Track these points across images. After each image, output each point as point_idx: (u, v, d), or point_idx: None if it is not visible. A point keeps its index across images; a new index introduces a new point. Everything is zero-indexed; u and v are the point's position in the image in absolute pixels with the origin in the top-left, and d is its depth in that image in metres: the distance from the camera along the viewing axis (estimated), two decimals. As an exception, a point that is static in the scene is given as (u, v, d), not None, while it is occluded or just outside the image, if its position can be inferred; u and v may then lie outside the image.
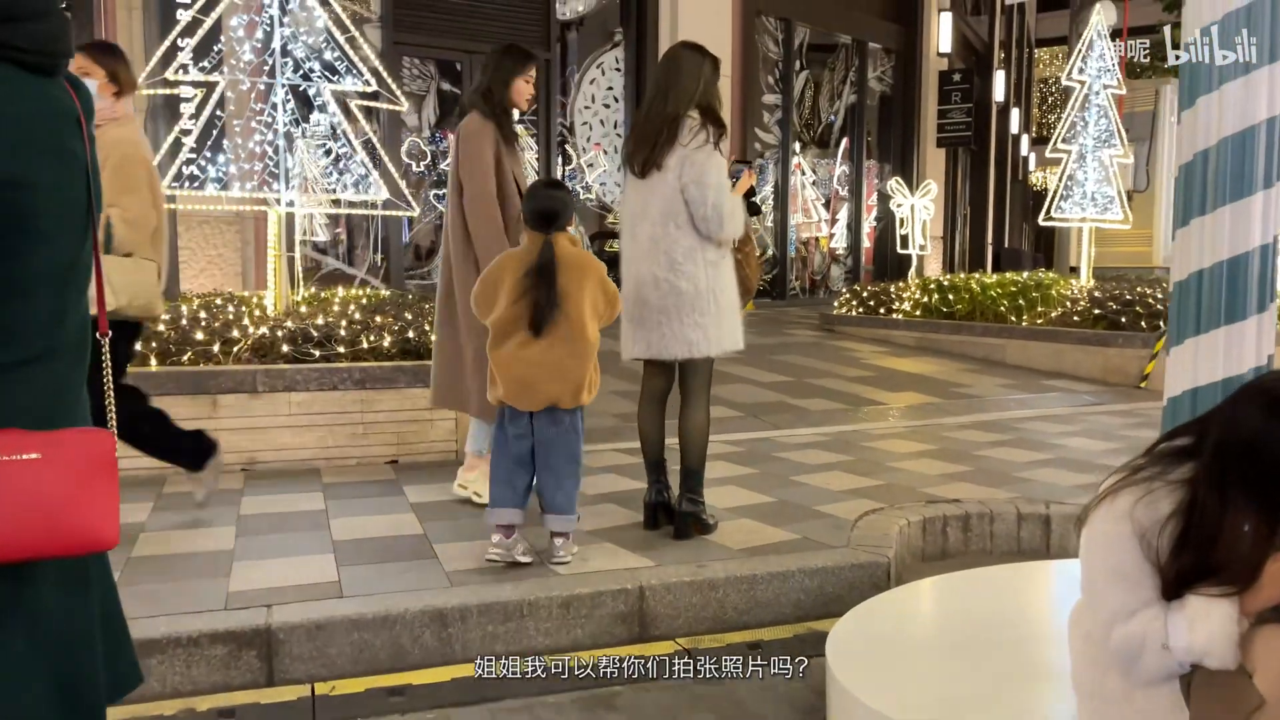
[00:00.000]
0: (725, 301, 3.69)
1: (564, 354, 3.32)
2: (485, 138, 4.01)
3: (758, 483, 4.57)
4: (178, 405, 4.53)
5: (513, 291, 3.28)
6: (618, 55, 12.70)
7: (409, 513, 4.01)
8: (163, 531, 3.69)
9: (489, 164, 4.01)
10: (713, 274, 3.63)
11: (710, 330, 3.64)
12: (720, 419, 5.94)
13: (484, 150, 4.02)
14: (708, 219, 3.54)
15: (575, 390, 3.39)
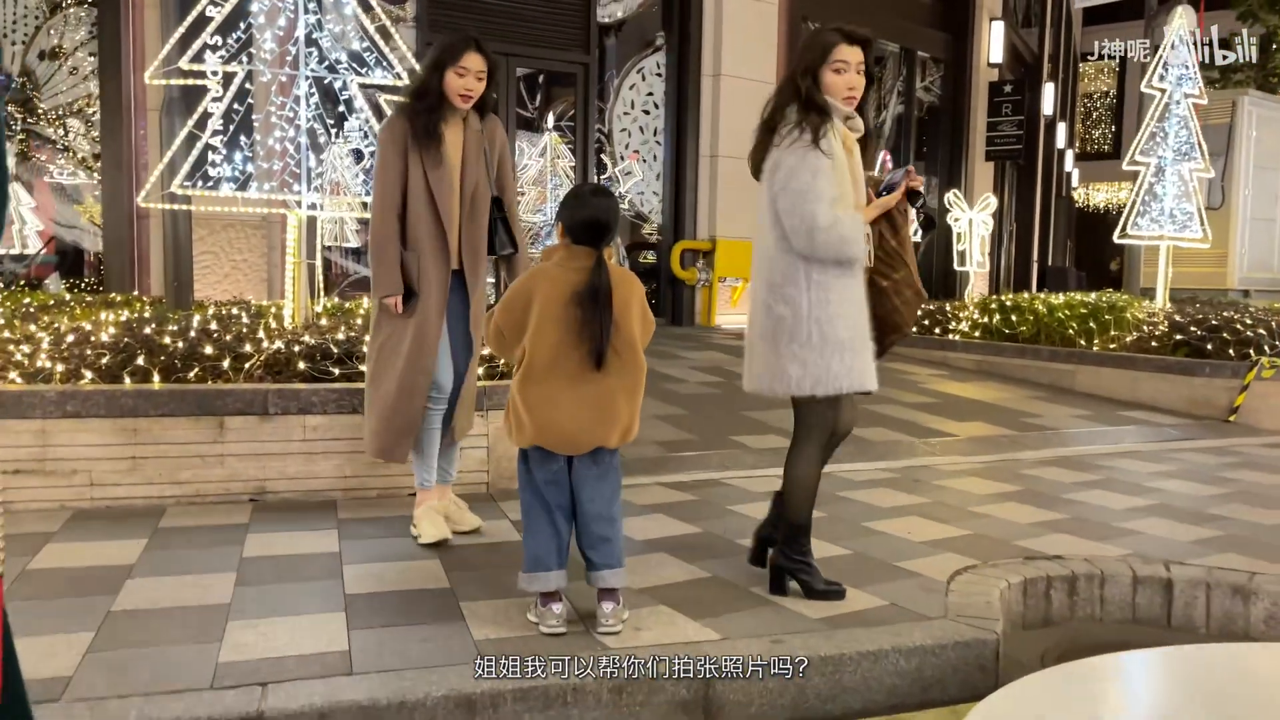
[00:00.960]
0: (834, 334, 3.06)
1: (618, 389, 2.85)
2: (390, 139, 3.56)
3: (828, 529, 4.03)
4: (180, 428, 4.09)
5: (557, 319, 2.77)
6: (659, 60, 12.24)
7: (433, 558, 3.51)
8: (152, 578, 3.22)
9: (387, 171, 3.54)
10: (818, 298, 3.05)
11: (811, 364, 3.07)
12: (776, 450, 5.42)
13: (385, 153, 3.56)
14: (795, 232, 3.02)
15: (625, 429, 2.91)
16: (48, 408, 3.97)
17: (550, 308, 2.77)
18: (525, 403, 2.80)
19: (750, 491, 4.66)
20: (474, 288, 3.72)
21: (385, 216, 3.54)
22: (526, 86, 11.63)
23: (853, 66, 3.11)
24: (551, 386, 2.79)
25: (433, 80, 3.51)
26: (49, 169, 10.18)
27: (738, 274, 12.06)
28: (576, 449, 2.84)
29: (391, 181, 3.53)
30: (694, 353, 8.86)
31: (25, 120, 10.08)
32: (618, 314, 2.80)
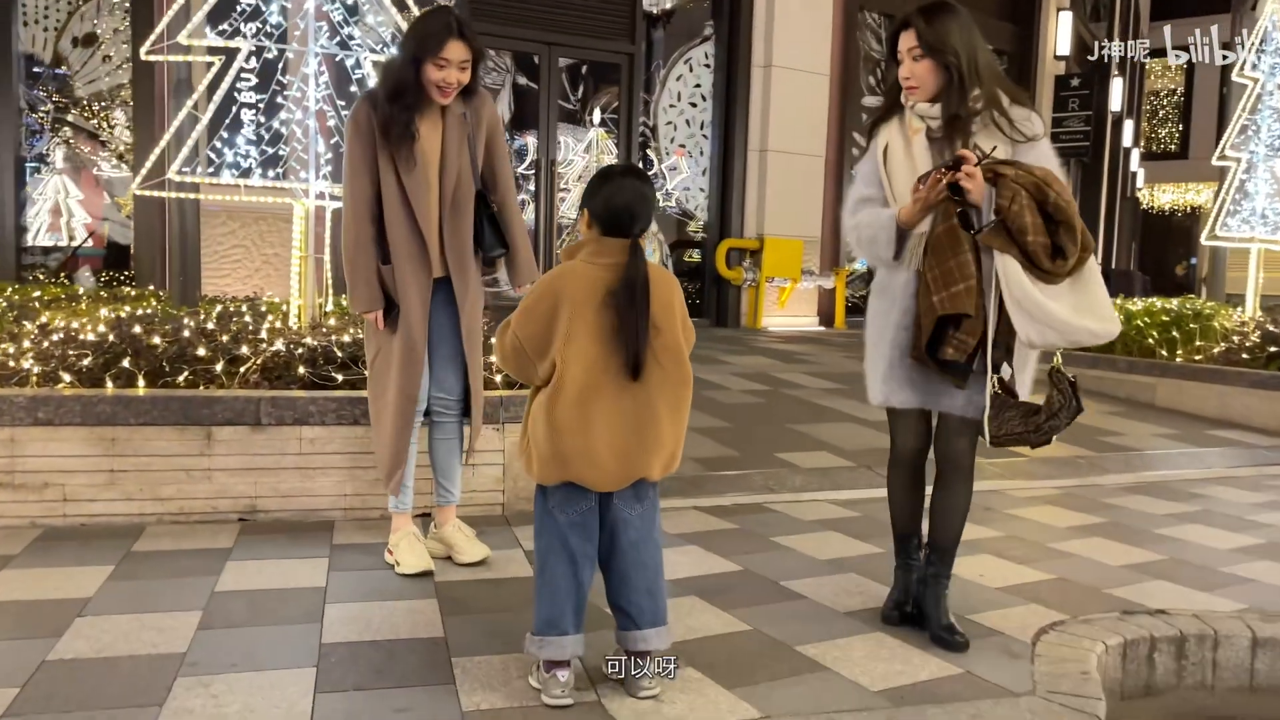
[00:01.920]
0: (867, 339, 2.92)
1: (661, 407, 2.37)
2: (356, 136, 3.12)
3: (882, 568, 3.50)
4: (163, 438, 3.69)
5: (592, 327, 2.31)
6: (707, 50, 11.74)
7: (429, 597, 3.05)
8: (106, 616, 2.80)
9: (356, 174, 3.12)
10: (871, 303, 2.94)
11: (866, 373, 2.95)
12: (825, 469, 4.91)
13: (353, 153, 3.13)
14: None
15: (670, 456, 2.44)
16: (17, 414, 3.59)
17: (583, 312, 2.30)
18: (553, 428, 2.31)
19: (798, 520, 4.14)
20: (463, 294, 3.28)
21: (357, 224, 3.13)
22: (569, 78, 11.19)
23: (905, 55, 2.77)
24: (587, 408, 2.31)
25: (408, 73, 3.05)
26: (95, 161, 9.96)
27: (786, 274, 11.52)
28: (615, 483, 2.36)
29: (362, 184, 3.11)
30: (738, 357, 8.34)
31: (59, 109, 9.86)
32: (659, 315, 2.35)
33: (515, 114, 10.99)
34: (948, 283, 2.59)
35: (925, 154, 2.77)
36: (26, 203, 9.78)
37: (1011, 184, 2.54)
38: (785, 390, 6.89)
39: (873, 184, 2.85)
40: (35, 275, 9.66)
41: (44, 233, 9.88)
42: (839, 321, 12.23)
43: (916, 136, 2.78)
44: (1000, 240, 2.55)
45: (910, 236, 2.75)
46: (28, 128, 9.78)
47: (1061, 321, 2.51)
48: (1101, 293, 2.61)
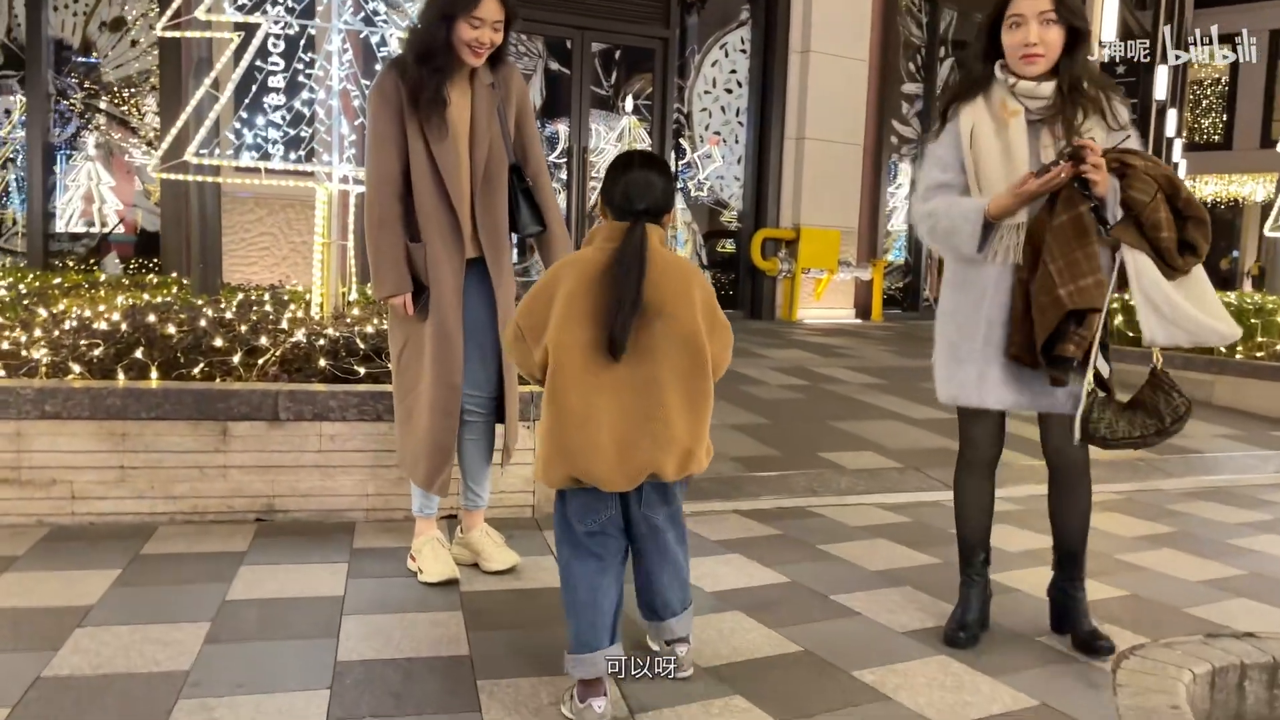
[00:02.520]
0: (942, 335, 2.72)
1: (675, 398, 2.18)
2: (383, 105, 2.87)
3: (937, 581, 3.26)
4: (176, 433, 3.50)
5: (586, 313, 2.15)
6: (743, 35, 11.44)
7: (453, 609, 2.84)
8: (108, 627, 2.61)
9: (382, 145, 2.87)
10: (942, 293, 2.73)
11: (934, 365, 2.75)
12: (872, 470, 4.66)
13: (378, 123, 2.87)
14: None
15: (685, 453, 2.22)
16: (24, 407, 3.41)
17: (578, 299, 2.16)
18: (555, 421, 2.18)
19: (845, 526, 3.89)
20: (498, 277, 3.04)
21: (382, 201, 2.88)
22: (602, 63, 10.94)
23: (1032, 19, 2.48)
24: (587, 396, 2.15)
25: (439, 34, 2.82)
26: (125, 147, 9.86)
27: (822, 265, 11.24)
28: (622, 478, 2.16)
29: (389, 157, 2.87)
30: (775, 350, 8.09)
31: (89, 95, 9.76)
32: (667, 300, 2.19)
33: (547, 100, 10.77)
34: (1075, 275, 2.37)
35: (1024, 138, 2.53)
36: (56, 189, 9.70)
37: (1144, 177, 2.32)
38: (825, 385, 6.62)
39: (951, 168, 2.61)
40: (65, 261, 9.58)
41: (76, 219, 9.80)
42: (876, 314, 11.93)
43: (1014, 119, 2.53)
44: (1132, 235, 2.36)
45: (999, 228, 2.52)
46: (58, 114, 9.69)
47: (1194, 321, 2.34)
48: (1212, 292, 2.40)
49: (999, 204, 2.48)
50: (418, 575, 3.07)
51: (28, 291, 5.54)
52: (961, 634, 2.73)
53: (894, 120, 12.54)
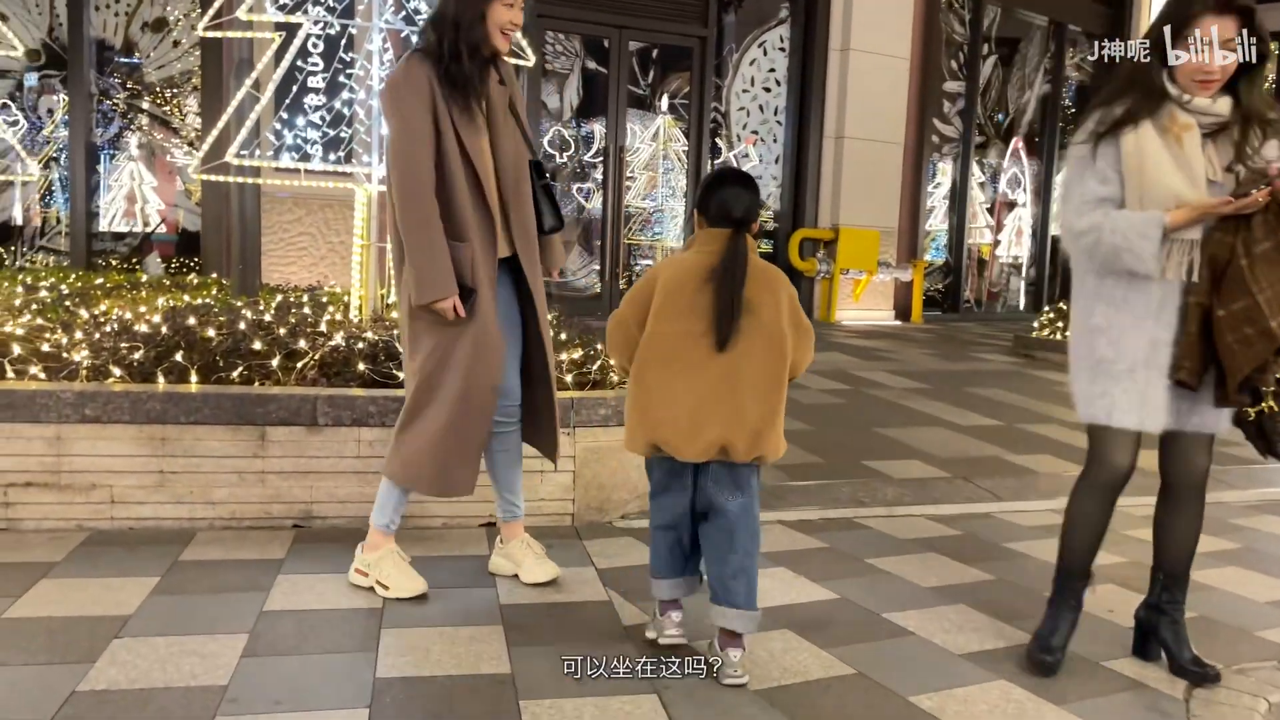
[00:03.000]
0: (1092, 351, 2.57)
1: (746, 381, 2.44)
2: (414, 95, 2.72)
3: (993, 598, 3.14)
4: (215, 438, 3.46)
5: (682, 306, 2.45)
6: (782, 33, 11.31)
7: (495, 624, 2.77)
8: (146, 638, 2.56)
9: (416, 138, 2.72)
10: (1084, 307, 2.59)
11: (1074, 382, 2.66)
12: (920, 480, 4.53)
13: (410, 114, 2.73)
14: (1063, 236, 2.61)
15: (755, 434, 2.45)
16: (64, 410, 3.39)
17: (676, 293, 2.46)
18: (643, 395, 2.49)
19: (894, 538, 3.78)
20: (533, 276, 2.97)
21: (425, 198, 2.72)
22: (639, 62, 10.86)
23: (1215, 44, 2.38)
24: (672, 371, 2.46)
25: (474, 14, 2.74)
26: (167, 147, 9.93)
27: (861, 265, 11.08)
28: (696, 450, 2.43)
29: (426, 154, 2.73)
30: (814, 353, 7.95)
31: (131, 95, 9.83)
32: (756, 299, 2.46)
33: (584, 99, 10.71)
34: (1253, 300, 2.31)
35: (1199, 153, 2.42)
36: (98, 189, 9.78)
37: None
38: (867, 390, 6.50)
39: (1111, 181, 2.47)
40: (109, 260, 9.67)
41: (119, 219, 9.88)
42: (916, 315, 11.76)
43: (1188, 134, 2.41)
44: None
45: (1170, 243, 2.40)
46: (101, 114, 9.77)
47: None
48: None
49: (1177, 218, 2.37)
50: (378, 590, 2.93)
51: (70, 292, 5.56)
52: (1048, 658, 2.61)
53: (935, 119, 12.35)
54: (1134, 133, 2.43)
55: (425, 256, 2.73)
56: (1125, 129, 2.44)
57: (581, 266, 10.74)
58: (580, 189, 10.71)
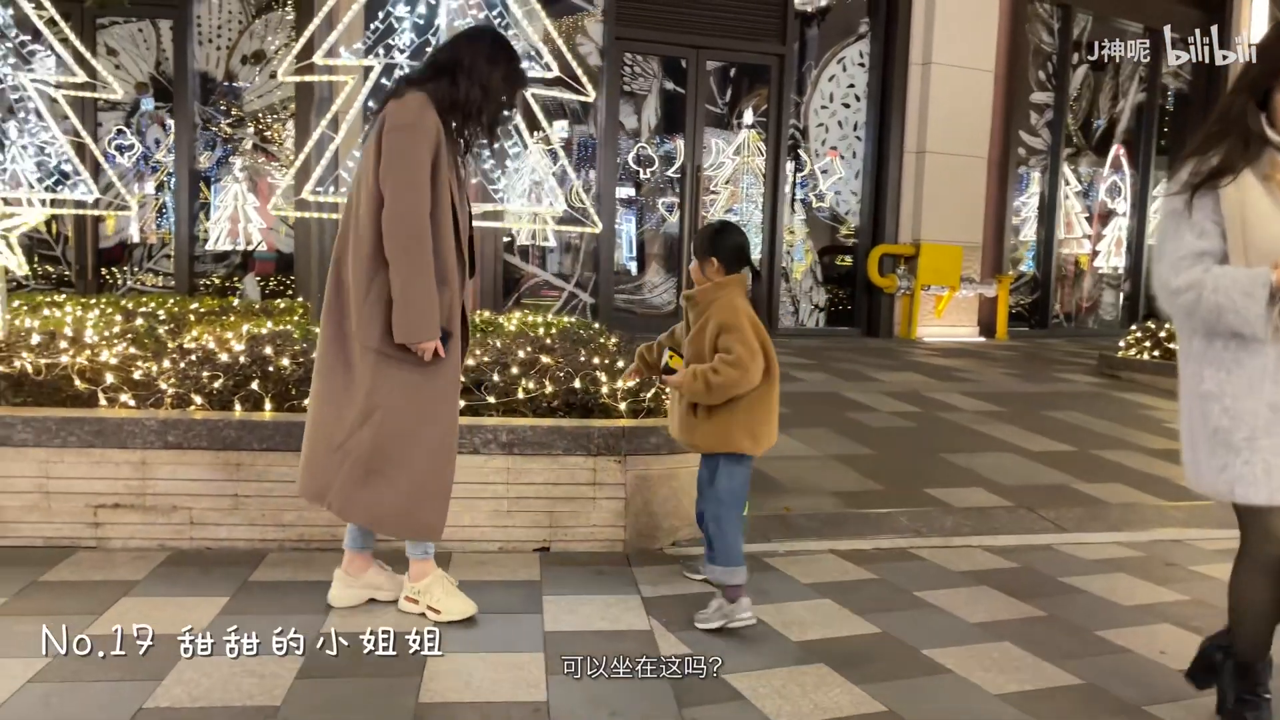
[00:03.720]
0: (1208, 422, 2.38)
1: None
2: (426, 141, 2.77)
3: (1040, 637, 3.11)
4: (284, 464, 3.65)
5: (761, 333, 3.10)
6: (862, 49, 11.26)
7: (536, 650, 2.87)
8: (210, 658, 2.73)
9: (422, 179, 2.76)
10: (1189, 377, 2.45)
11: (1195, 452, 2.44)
12: (981, 509, 4.49)
13: (419, 156, 2.75)
14: (1157, 294, 2.43)
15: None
16: (148, 437, 3.63)
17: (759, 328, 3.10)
18: (769, 409, 3.14)
19: (948, 571, 3.76)
20: (470, 313, 3.13)
21: (426, 240, 2.76)
22: (717, 81, 10.93)
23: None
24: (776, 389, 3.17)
25: (510, 97, 3.05)
26: (267, 172, 10.41)
27: (943, 281, 10.94)
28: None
29: (428, 197, 2.77)
30: (889, 374, 7.90)
31: (233, 124, 10.32)
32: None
33: (661, 119, 10.83)
34: None
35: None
36: (205, 212, 10.30)
37: None
38: (939, 413, 6.43)
39: (1210, 235, 2.32)
40: (212, 281, 10.17)
41: (223, 239, 10.38)
42: (1001, 332, 11.53)
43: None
44: None
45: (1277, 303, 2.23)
46: (205, 142, 10.28)
47: None
48: None
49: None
50: (429, 615, 3.06)
51: (165, 316, 5.89)
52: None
53: (1022, 131, 12.11)
54: (1234, 183, 2.29)
55: (421, 298, 2.76)
56: (1224, 178, 2.30)
57: (658, 284, 10.84)
58: (667, 205, 10.83)
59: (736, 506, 3.17)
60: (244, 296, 9.83)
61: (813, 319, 11.35)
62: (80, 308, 6.04)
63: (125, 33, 10.11)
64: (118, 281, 10.20)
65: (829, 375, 7.75)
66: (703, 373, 3.02)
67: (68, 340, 4.32)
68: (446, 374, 2.95)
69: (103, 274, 10.18)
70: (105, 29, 10.02)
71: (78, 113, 9.70)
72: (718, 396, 3.04)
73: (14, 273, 4.78)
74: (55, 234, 10.13)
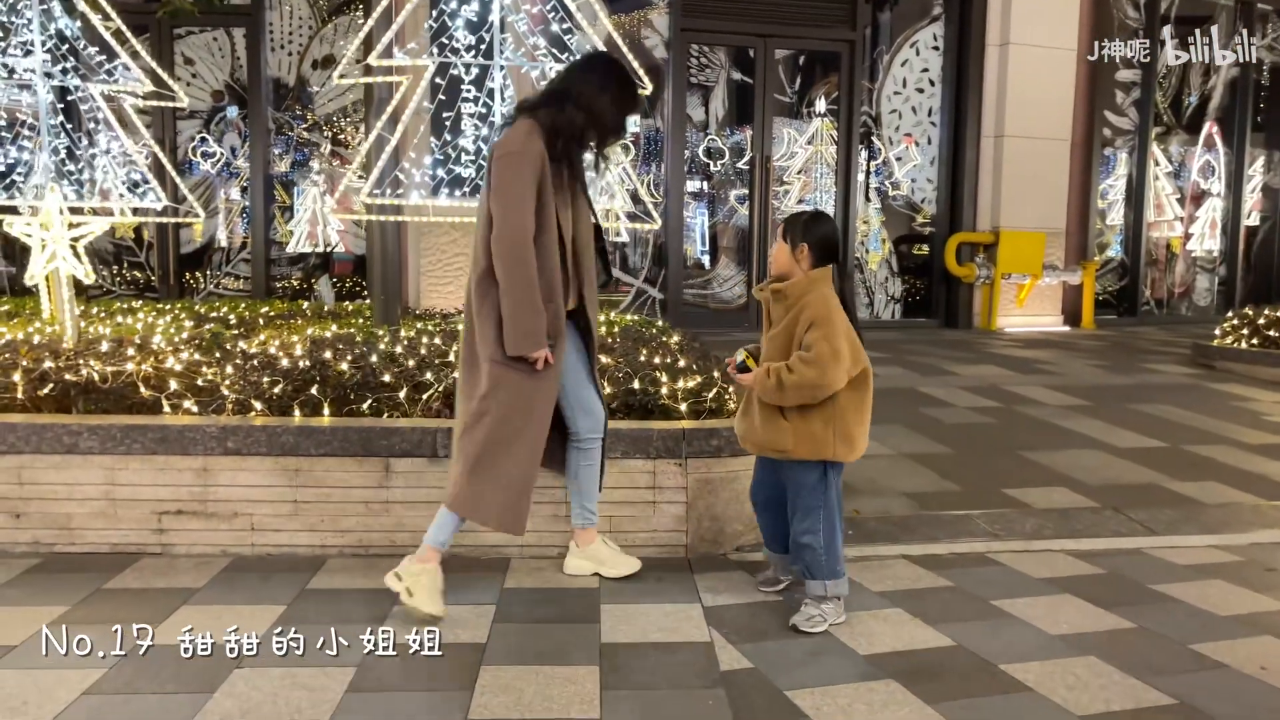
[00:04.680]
0: None
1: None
2: (531, 162, 2.97)
3: (1130, 651, 2.90)
4: (343, 469, 3.63)
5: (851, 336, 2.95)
6: (935, 31, 10.92)
7: (591, 664, 2.78)
8: (262, 669, 2.71)
9: (525, 200, 2.95)
10: None
11: None
12: (1063, 510, 4.26)
13: (523, 178, 2.95)
14: None
15: None
16: (209, 443, 3.64)
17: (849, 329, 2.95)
18: (863, 413, 3.00)
19: (1027, 577, 3.56)
20: (593, 322, 3.33)
21: (530, 261, 2.97)
22: (785, 69, 10.71)
23: None
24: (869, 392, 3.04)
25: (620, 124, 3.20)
26: (341, 174, 10.54)
27: (1025, 269, 10.56)
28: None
29: (532, 221, 2.98)
30: (967, 366, 7.63)
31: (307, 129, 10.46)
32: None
33: (729, 110, 10.66)
34: None
35: None
36: (279, 217, 10.48)
37: None
38: (1019, 408, 6.17)
39: None
40: (289, 284, 10.35)
41: (303, 242, 10.53)
42: (1087, 320, 11.09)
43: None
44: None
45: None
46: (279, 146, 10.45)
47: None
48: None
49: None
50: (402, 595, 3.07)
51: (236, 321, 5.97)
52: None
53: (1107, 111, 11.62)
54: None
55: (529, 312, 2.98)
56: None
57: (729, 277, 10.69)
58: (740, 196, 10.68)
59: (836, 514, 3.05)
60: (318, 299, 9.97)
61: (888, 310, 11.07)
62: (155, 313, 6.16)
63: (201, 42, 10.32)
64: (199, 286, 10.44)
65: (904, 369, 7.51)
66: (776, 370, 2.90)
67: (134, 347, 4.38)
68: (549, 380, 3.13)
69: (185, 279, 10.42)
70: (182, 39, 10.25)
71: (156, 122, 10.03)
72: (791, 398, 2.90)
73: (82, 281, 4.87)
74: (139, 240, 10.41)
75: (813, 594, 3.04)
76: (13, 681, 2.60)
